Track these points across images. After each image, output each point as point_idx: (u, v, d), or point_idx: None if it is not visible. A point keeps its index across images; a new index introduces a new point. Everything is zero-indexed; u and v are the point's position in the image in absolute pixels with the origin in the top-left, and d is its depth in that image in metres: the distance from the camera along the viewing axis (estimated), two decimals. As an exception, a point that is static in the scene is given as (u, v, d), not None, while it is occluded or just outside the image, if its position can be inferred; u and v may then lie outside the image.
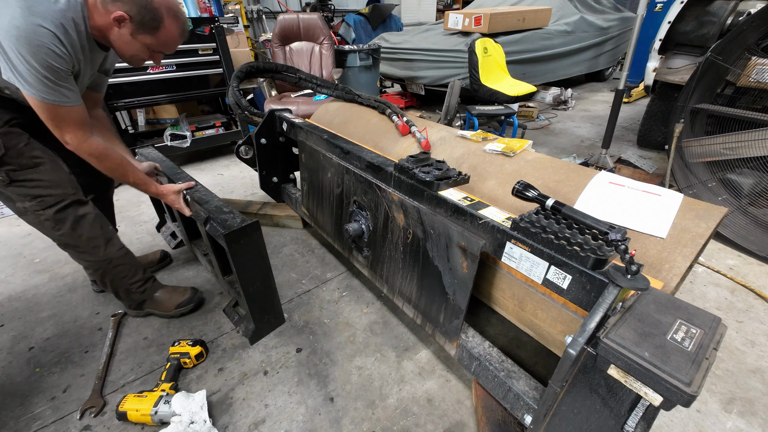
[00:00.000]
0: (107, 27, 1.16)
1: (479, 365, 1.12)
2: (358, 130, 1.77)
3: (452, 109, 3.04)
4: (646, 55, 2.93)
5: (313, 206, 1.88)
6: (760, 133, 1.90)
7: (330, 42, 3.29)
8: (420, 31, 4.82)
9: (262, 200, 2.45)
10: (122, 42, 1.19)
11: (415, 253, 1.25)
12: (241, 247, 1.32)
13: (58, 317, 1.67)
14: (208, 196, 1.50)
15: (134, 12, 1.14)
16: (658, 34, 2.71)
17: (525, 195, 0.92)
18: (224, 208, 1.40)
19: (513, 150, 1.30)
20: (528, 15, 4.07)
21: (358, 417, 1.25)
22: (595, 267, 0.76)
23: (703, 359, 0.63)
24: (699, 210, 0.95)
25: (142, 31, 1.18)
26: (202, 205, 1.44)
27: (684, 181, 2.28)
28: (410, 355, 1.47)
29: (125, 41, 1.19)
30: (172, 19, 1.22)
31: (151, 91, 2.81)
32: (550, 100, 5.02)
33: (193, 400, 1.21)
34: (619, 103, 2.73)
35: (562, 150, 3.54)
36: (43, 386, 1.37)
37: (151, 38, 1.21)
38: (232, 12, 4.80)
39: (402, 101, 4.91)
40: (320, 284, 1.85)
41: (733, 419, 1.22)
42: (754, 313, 1.64)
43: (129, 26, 1.16)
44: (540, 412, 0.89)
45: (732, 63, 2.01)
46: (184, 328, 1.61)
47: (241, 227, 1.28)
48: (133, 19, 1.15)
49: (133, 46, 1.21)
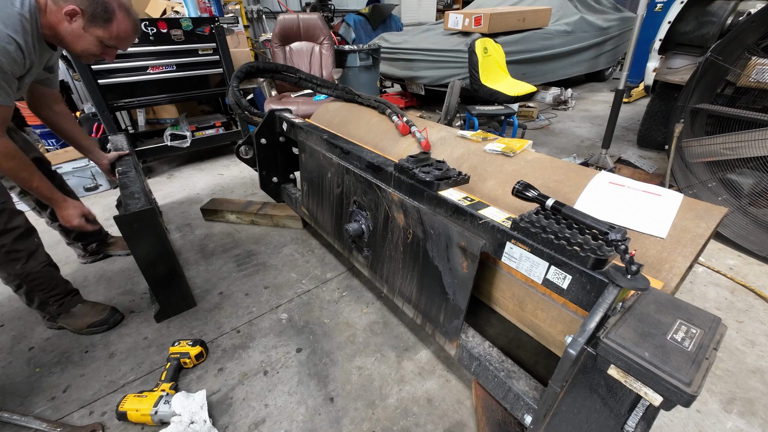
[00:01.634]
0: (58, 23, 1.18)
1: (479, 365, 1.12)
2: (358, 130, 1.77)
3: (452, 109, 3.04)
4: (646, 55, 2.93)
5: (313, 206, 1.88)
6: (760, 133, 1.90)
7: (330, 42, 3.29)
8: (420, 31, 4.82)
9: (263, 200, 2.45)
10: (73, 36, 1.22)
11: (415, 253, 1.25)
12: (135, 231, 1.42)
13: (58, 317, 1.67)
14: (133, 180, 1.61)
15: (85, 5, 1.17)
16: (658, 34, 2.71)
17: (525, 195, 0.92)
18: (137, 194, 1.50)
19: (513, 150, 1.29)
20: (528, 15, 4.07)
21: (358, 417, 1.25)
22: (595, 267, 0.76)
23: (703, 359, 0.63)
24: (699, 210, 0.95)
25: (93, 25, 1.22)
26: (123, 189, 1.55)
27: (684, 181, 2.28)
28: (410, 355, 1.47)
29: (77, 35, 1.22)
30: (124, 13, 1.26)
31: (151, 91, 2.81)
32: (550, 100, 5.02)
33: (193, 400, 1.21)
34: (619, 103, 2.72)
35: (562, 150, 3.54)
36: (43, 386, 1.37)
37: (103, 31, 1.24)
38: (232, 12, 4.80)
39: (402, 101, 4.91)
40: (320, 284, 1.85)
41: (733, 419, 1.22)
42: (754, 313, 1.64)
43: (80, 20, 1.19)
44: (540, 412, 0.89)
45: (732, 63, 2.01)
46: (184, 328, 1.61)
47: (134, 212, 1.38)
48: (84, 13, 1.18)
49: (85, 40, 1.24)
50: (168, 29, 2.66)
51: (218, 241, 2.20)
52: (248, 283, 1.86)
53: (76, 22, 1.19)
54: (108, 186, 2.91)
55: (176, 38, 2.72)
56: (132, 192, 1.52)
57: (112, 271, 1.97)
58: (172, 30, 2.68)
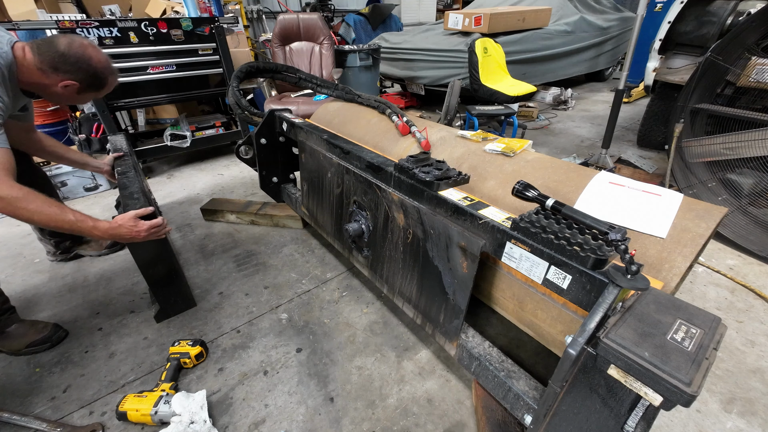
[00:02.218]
0: (50, 85, 1.29)
1: (479, 365, 1.12)
2: (358, 130, 1.77)
3: (452, 109, 3.04)
4: (646, 55, 2.93)
5: (313, 206, 1.88)
6: (760, 133, 1.90)
7: (330, 42, 3.29)
8: (420, 31, 4.82)
9: (262, 200, 2.45)
10: (66, 98, 1.37)
11: (415, 253, 1.25)
12: None
13: (58, 317, 1.67)
14: (132, 180, 1.62)
15: (81, 78, 1.31)
16: (658, 34, 2.70)
17: (525, 195, 0.92)
18: (135, 194, 1.50)
19: (513, 150, 1.29)
20: (528, 15, 4.07)
21: (358, 417, 1.25)
22: (595, 267, 0.76)
23: (703, 359, 0.63)
24: (699, 210, 0.95)
25: (88, 91, 1.37)
26: (122, 190, 1.55)
27: (684, 181, 2.28)
28: (410, 355, 1.47)
29: (68, 98, 1.39)
30: (113, 76, 1.41)
31: (151, 91, 2.81)
32: (550, 100, 5.02)
33: (193, 400, 1.21)
34: (619, 103, 2.72)
35: (562, 150, 3.54)
36: (43, 386, 1.37)
37: (96, 93, 1.42)
38: (232, 12, 4.80)
39: (402, 101, 4.91)
40: (320, 284, 1.85)
41: (733, 419, 1.22)
42: (754, 313, 1.64)
43: (76, 88, 1.32)
44: (540, 412, 0.89)
45: (732, 63, 2.01)
46: (184, 328, 1.61)
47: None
48: (81, 84, 1.32)
49: (78, 100, 1.41)
50: (168, 29, 2.66)
51: (218, 241, 2.20)
52: (248, 283, 1.86)
53: (69, 91, 1.32)
54: (108, 186, 2.91)
55: (176, 38, 2.72)
56: (131, 192, 1.52)
57: (112, 271, 1.97)
58: (172, 30, 2.68)
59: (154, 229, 1.35)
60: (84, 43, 1.30)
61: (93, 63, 1.31)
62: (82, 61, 1.28)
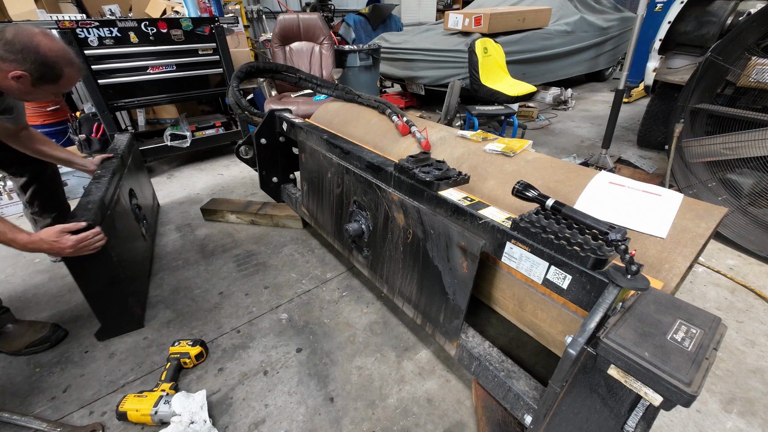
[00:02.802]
0: (2, 79, 1.22)
1: (479, 365, 1.12)
2: (358, 130, 1.77)
3: (452, 109, 3.04)
4: (646, 55, 2.93)
5: (313, 206, 1.88)
6: (760, 133, 1.90)
7: (330, 42, 3.29)
8: (420, 31, 4.82)
9: (263, 200, 2.45)
10: (22, 93, 1.30)
11: (415, 253, 1.25)
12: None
13: (58, 317, 1.67)
14: (100, 188, 1.54)
15: (32, 69, 1.22)
16: (658, 34, 2.70)
17: (525, 195, 0.92)
18: (90, 204, 1.40)
19: (513, 150, 1.29)
20: (528, 15, 4.07)
21: (358, 417, 1.25)
22: (595, 267, 0.76)
23: (703, 359, 0.63)
24: (699, 210, 0.95)
25: (42, 83, 1.28)
26: (83, 197, 1.47)
27: (684, 181, 2.28)
28: (410, 355, 1.47)
29: (25, 92, 1.29)
30: (70, 68, 1.31)
31: (151, 91, 2.81)
32: (550, 100, 5.02)
33: (193, 400, 1.21)
34: (619, 103, 2.72)
35: (562, 150, 3.54)
36: (43, 386, 1.37)
37: (53, 86, 1.31)
38: (232, 12, 4.80)
39: (402, 101, 4.91)
40: (320, 284, 1.85)
41: (733, 419, 1.22)
42: (754, 313, 1.64)
43: (29, 80, 1.24)
44: (540, 412, 0.89)
45: (732, 63, 2.01)
46: (184, 328, 1.61)
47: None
48: (32, 75, 1.23)
49: (35, 95, 1.32)
50: (168, 29, 2.66)
51: (218, 241, 2.20)
52: (248, 283, 1.86)
53: (23, 83, 1.24)
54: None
55: (176, 38, 2.72)
56: (87, 201, 1.43)
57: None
58: (172, 30, 2.68)
59: (82, 243, 1.25)
60: (34, 31, 1.22)
61: (42, 51, 1.21)
62: (28, 49, 1.19)
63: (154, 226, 2.32)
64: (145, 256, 1.95)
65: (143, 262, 1.91)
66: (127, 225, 1.76)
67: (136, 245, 1.83)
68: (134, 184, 2.05)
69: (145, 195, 2.29)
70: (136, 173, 2.18)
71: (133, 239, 1.82)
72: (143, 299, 1.73)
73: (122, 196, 1.75)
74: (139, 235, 1.92)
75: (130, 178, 1.98)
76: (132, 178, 2.05)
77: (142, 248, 1.93)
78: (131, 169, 2.06)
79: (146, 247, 2.01)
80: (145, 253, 1.98)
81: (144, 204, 2.17)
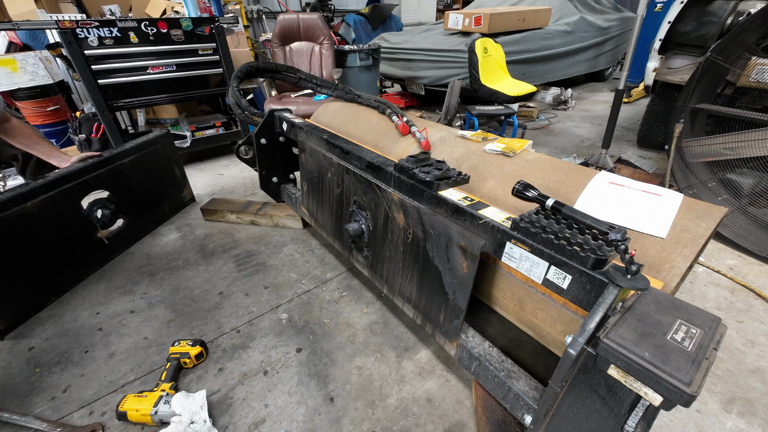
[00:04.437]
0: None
1: (479, 365, 1.12)
2: (358, 130, 1.77)
3: (452, 109, 3.04)
4: (646, 55, 2.93)
5: (313, 206, 1.88)
6: (760, 133, 1.90)
7: (330, 42, 3.29)
8: (420, 31, 4.82)
9: (263, 200, 2.45)
10: None
11: (415, 253, 1.25)
12: None
13: (58, 317, 1.67)
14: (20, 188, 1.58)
15: None
16: (658, 34, 2.70)
17: (525, 195, 0.92)
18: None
19: (513, 150, 1.29)
20: (528, 15, 4.07)
21: (358, 417, 1.25)
22: (595, 267, 0.76)
23: (703, 359, 0.63)
24: (699, 210, 0.95)
25: None
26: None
27: (684, 181, 2.28)
28: (410, 355, 1.47)
29: None
30: None
31: (151, 91, 2.81)
32: (550, 100, 5.02)
33: (193, 400, 1.21)
34: (619, 103, 2.72)
35: (562, 150, 3.54)
36: (43, 386, 1.37)
37: None
38: (232, 12, 4.80)
39: (402, 101, 4.91)
40: (320, 284, 1.85)
41: (733, 419, 1.22)
42: (754, 313, 1.64)
43: None
44: (540, 412, 0.89)
45: (732, 63, 2.01)
46: (184, 328, 1.61)
47: None
48: None
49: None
50: (168, 29, 2.66)
51: (218, 241, 2.20)
52: (248, 283, 1.86)
53: None
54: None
55: (176, 38, 2.72)
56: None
57: (112, 271, 1.97)
58: (172, 30, 2.68)
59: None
60: None
61: None
62: None
63: (153, 226, 2.33)
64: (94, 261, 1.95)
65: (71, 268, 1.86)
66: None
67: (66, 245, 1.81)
68: (124, 186, 2.08)
69: (156, 193, 2.31)
70: (136, 173, 2.17)
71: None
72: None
73: (59, 200, 1.73)
74: (85, 240, 1.90)
75: (110, 180, 1.99)
76: (123, 179, 2.07)
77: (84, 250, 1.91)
78: (124, 170, 2.08)
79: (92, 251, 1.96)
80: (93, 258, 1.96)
81: (144, 204, 2.16)
